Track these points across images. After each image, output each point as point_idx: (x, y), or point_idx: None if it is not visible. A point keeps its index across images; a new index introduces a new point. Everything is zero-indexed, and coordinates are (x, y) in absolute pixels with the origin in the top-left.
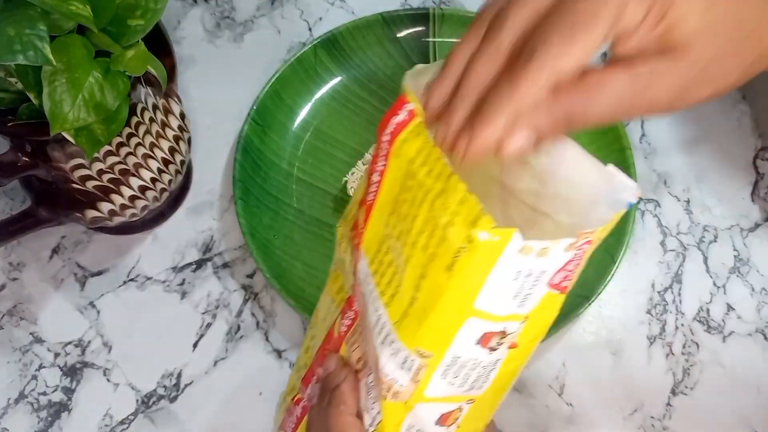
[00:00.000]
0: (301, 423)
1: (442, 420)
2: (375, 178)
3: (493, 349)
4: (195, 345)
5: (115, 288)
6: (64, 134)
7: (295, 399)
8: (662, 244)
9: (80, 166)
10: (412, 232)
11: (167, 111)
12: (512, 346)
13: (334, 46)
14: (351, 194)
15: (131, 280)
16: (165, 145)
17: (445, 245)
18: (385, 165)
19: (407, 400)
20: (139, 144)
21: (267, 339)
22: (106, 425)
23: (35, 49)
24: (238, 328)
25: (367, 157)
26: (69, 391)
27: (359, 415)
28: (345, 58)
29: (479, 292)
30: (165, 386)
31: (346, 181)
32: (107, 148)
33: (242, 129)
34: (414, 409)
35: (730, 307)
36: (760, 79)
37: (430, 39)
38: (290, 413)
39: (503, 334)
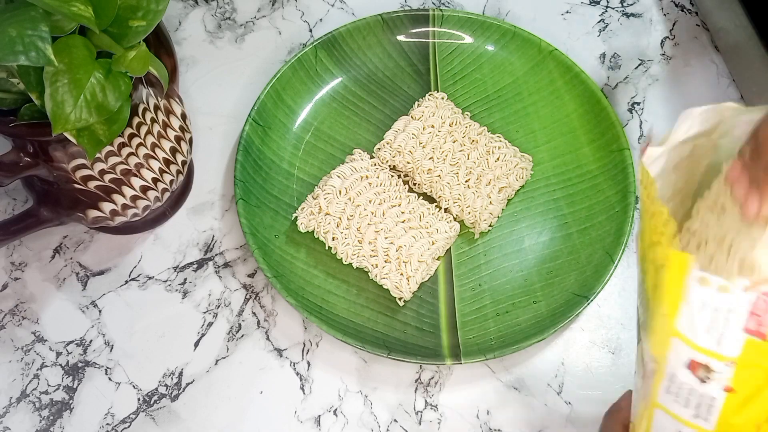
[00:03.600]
0: None
1: None
2: None
3: (702, 381)
4: (196, 344)
5: (117, 287)
6: (66, 135)
7: None
8: None
9: (82, 166)
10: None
11: (168, 111)
12: (727, 390)
13: (334, 47)
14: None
15: (133, 279)
16: (166, 145)
17: (659, 258)
18: None
19: (648, 402)
20: (140, 144)
21: (268, 338)
22: (108, 424)
23: (37, 49)
24: (239, 327)
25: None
26: (71, 390)
27: (626, 427)
28: (345, 58)
29: (676, 313)
30: (166, 385)
31: (296, 217)
32: (109, 148)
33: (243, 129)
34: (654, 413)
35: None
36: (759, 80)
37: (430, 40)
38: None
39: (708, 369)
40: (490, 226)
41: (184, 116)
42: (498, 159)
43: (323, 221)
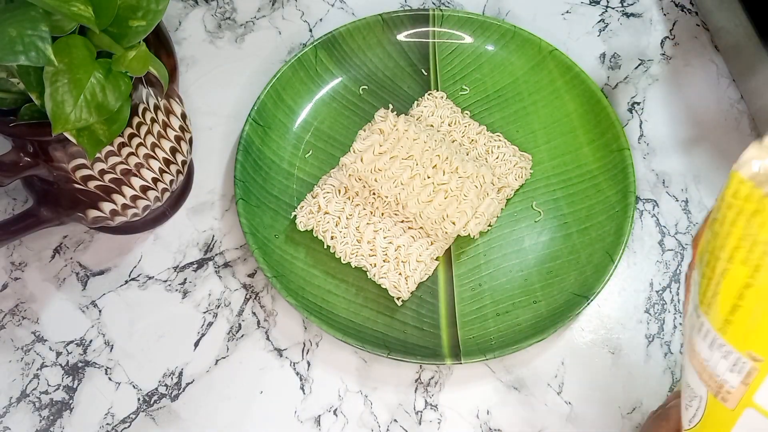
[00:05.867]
0: None
1: None
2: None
3: None
4: (196, 344)
5: (117, 287)
6: (66, 134)
7: None
8: (660, 243)
9: (82, 166)
10: (727, 248)
11: (168, 111)
12: None
13: (334, 47)
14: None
15: (133, 279)
16: (166, 145)
17: None
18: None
19: (736, 405)
20: (140, 144)
21: (268, 338)
22: (108, 424)
23: (37, 49)
24: (239, 327)
25: (316, 190)
26: (71, 390)
27: None
28: (345, 58)
29: None
30: (166, 385)
31: (295, 216)
32: (109, 148)
33: (243, 129)
34: (743, 414)
35: None
36: (758, 79)
37: (430, 40)
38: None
39: None
40: (489, 226)
41: (184, 116)
42: (497, 158)
43: (322, 220)
